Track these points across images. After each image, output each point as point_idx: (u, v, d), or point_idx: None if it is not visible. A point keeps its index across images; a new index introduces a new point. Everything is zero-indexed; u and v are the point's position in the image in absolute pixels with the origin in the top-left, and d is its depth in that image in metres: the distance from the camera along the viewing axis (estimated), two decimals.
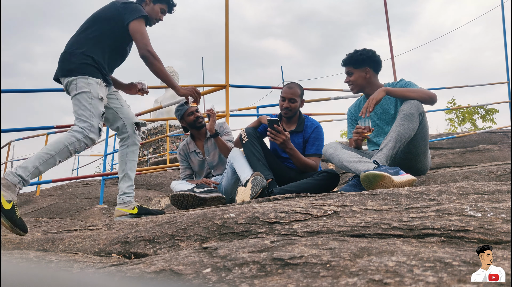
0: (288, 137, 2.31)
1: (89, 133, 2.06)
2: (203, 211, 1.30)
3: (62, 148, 1.98)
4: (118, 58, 2.33)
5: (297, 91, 2.53)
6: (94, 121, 2.08)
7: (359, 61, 2.30)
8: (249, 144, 2.37)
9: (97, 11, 2.27)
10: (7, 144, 7.20)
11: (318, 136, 2.54)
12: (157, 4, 2.40)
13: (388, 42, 5.15)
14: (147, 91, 2.60)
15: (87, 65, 2.12)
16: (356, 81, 2.32)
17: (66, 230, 1.64)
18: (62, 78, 2.15)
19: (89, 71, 2.12)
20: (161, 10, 2.43)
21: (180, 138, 10.45)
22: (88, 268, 0.92)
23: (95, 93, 2.10)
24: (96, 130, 2.09)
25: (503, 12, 6.22)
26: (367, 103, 2.06)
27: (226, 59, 3.34)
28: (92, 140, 2.09)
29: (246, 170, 2.30)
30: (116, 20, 2.21)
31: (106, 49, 2.20)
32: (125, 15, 2.19)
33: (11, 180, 1.85)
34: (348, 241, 0.81)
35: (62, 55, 2.19)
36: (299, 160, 2.41)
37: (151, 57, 2.19)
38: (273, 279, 0.64)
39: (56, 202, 4.47)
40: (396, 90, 2.10)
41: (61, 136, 2.02)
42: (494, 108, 12.08)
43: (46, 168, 1.96)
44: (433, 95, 2.07)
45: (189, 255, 0.83)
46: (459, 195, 1.12)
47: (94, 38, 2.18)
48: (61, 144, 1.98)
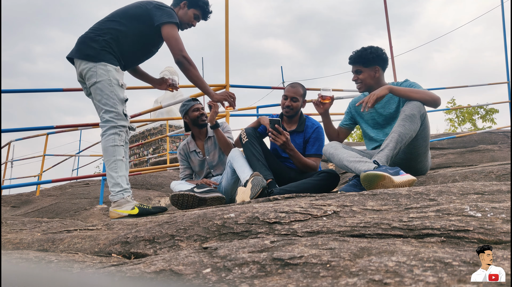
0: (288, 138, 2.31)
1: (118, 122, 2.15)
2: (203, 211, 1.30)
3: (113, 149, 2.13)
4: (140, 55, 2.37)
5: (299, 90, 2.54)
6: (119, 108, 2.15)
7: (369, 60, 2.27)
8: (249, 144, 2.37)
9: (126, 7, 2.31)
10: (7, 144, 7.20)
11: (318, 136, 2.54)
12: (191, 9, 2.42)
13: (388, 42, 5.16)
14: (178, 87, 2.67)
15: (107, 52, 2.16)
16: (365, 80, 2.31)
17: (66, 230, 1.64)
18: (79, 60, 2.17)
19: (108, 58, 2.16)
20: (195, 15, 2.45)
21: (180, 138, 10.45)
22: (88, 268, 0.92)
23: (115, 80, 2.15)
24: (123, 117, 2.17)
25: (503, 12, 6.22)
26: (368, 97, 2.05)
27: (226, 60, 3.34)
28: (124, 127, 2.18)
29: (246, 170, 2.30)
30: (145, 20, 2.24)
31: (128, 44, 2.24)
32: (157, 16, 2.22)
33: (117, 199, 2.11)
34: (348, 241, 0.81)
35: (83, 38, 2.21)
36: (299, 160, 2.41)
37: (186, 63, 2.23)
38: (273, 279, 0.64)
39: (56, 202, 4.46)
40: (400, 89, 2.09)
41: (103, 143, 2.15)
42: (494, 109, 12.08)
43: (123, 170, 2.16)
44: (437, 98, 2.06)
45: (189, 255, 0.83)
46: (459, 195, 1.12)
47: (118, 31, 2.21)
48: (109, 148, 2.13)
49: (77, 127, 3.82)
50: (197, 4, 2.43)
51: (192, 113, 2.81)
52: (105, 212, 3.80)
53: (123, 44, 2.21)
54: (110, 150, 2.12)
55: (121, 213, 2.11)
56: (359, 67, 2.31)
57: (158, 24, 2.22)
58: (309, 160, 2.46)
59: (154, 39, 2.30)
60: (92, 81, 2.13)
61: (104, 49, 2.14)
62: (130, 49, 2.26)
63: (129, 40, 2.23)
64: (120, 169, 2.13)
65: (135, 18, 2.24)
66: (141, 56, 2.38)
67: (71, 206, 4.09)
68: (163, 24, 2.21)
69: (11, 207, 4.97)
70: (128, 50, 2.25)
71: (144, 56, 2.40)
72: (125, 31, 2.22)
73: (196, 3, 2.43)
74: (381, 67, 2.31)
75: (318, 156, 2.51)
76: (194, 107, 2.81)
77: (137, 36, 2.25)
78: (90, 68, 2.13)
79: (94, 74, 2.11)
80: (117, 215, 2.12)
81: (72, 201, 4.38)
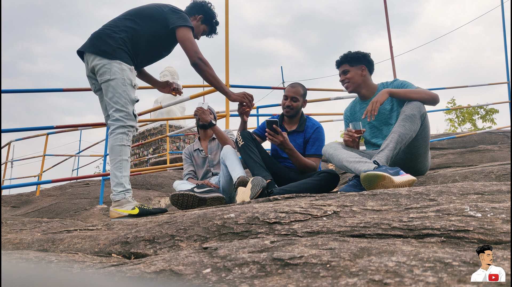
0: (286, 138, 2.31)
1: (128, 122, 2.16)
2: (203, 211, 1.30)
3: (120, 149, 2.14)
4: (151, 56, 2.38)
5: (299, 90, 2.55)
6: (129, 108, 2.16)
7: (355, 59, 2.31)
8: (245, 147, 2.37)
9: (141, 7, 2.32)
10: (7, 144, 7.20)
11: (318, 137, 2.54)
12: (203, 24, 2.50)
13: (388, 42, 5.15)
14: (181, 91, 2.68)
15: (122, 51, 2.17)
16: (352, 79, 2.32)
17: (66, 230, 1.64)
18: (92, 55, 2.17)
19: (123, 57, 2.16)
20: (203, 31, 2.53)
21: (180, 138, 10.45)
22: (88, 268, 0.92)
23: (128, 80, 2.15)
24: (132, 117, 2.18)
25: (503, 12, 6.22)
26: (371, 105, 2.04)
27: (226, 60, 3.34)
28: (132, 127, 2.19)
29: (236, 168, 2.33)
30: (159, 21, 2.26)
31: (141, 44, 2.25)
32: (172, 19, 2.24)
33: (118, 198, 2.10)
34: (348, 241, 0.81)
35: (98, 33, 2.21)
36: (298, 160, 2.41)
37: (202, 64, 2.24)
38: (273, 279, 0.64)
39: (56, 202, 4.46)
40: (399, 92, 2.09)
41: (111, 141, 2.16)
42: (494, 109, 12.08)
43: (127, 171, 2.16)
44: (435, 96, 2.07)
45: (189, 255, 0.83)
46: (459, 195, 1.12)
47: (133, 31, 2.22)
48: (116, 147, 2.14)
49: (77, 127, 3.83)
50: (211, 23, 2.53)
51: (195, 115, 2.92)
52: (105, 212, 3.80)
53: (137, 43, 2.22)
54: (117, 149, 2.13)
55: (122, 213, 2.11)
56: (345, 67, 2.33)
57: (173, 27, 2.23)
58: (309, 160, 2.46)
59: (167, 42, 2.31)
60: (105, 78, 2.12)
61: (120, 47, 2.15)
62: (142, 50, 2.27)
63: (143, 40, 2.24)
64: (125, 169, 2.14)
65: (151, 18, 2.25)
66: (151, 57, 2.39)
67: (71, 206, 4.09)
68: (178, 27, 2.22)
69: (11, 207, 4.97)
70: (141, 50, 2.26)
71: (154, 58, 2.41)
72: (140, 30, 2.23)
73: (210, 21, 2.52)
74: (367, 68, 2.33)
75: (317, 156, 2.51)
76: (195, 111, 2.90)
77: (151, 37, 2.26)
78: (104, 65, 2.12)
79: (107, 71, 2.11)
80: (117, 214, 2.12)
81: (72, 201, 4.37)
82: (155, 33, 2.26)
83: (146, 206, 2.20)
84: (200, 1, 2.51)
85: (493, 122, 11.98)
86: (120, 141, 2.13)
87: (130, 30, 2.20)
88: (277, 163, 2.52)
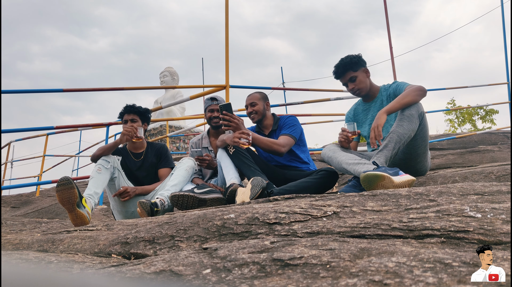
0: (241, 120, 2.32)
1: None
2: (203, 212, 1.30)
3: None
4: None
5: (256, 95, 2.64)
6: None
7: (356, 63, 2.31)
8: (237, 153, 2.37)
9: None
10: (7, 144, 7.20)
11: (289, 122, 2.55)
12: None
13: (388, 42, 5.16)
14: (142, 137, 2.59)
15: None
16: (362, 83, 2.31)
17: (66, 230, 1.63)
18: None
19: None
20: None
21: (180, 138, 10.44)
22: (88, 268, 0.92)
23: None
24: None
25: (503, 12, 6.23)
26: (374, 133, 1.96)
27: (226, 60, 3.34)
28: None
29: (230, 172, 2.34)
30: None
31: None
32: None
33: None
34: (348, 241, 0.81)
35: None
36: (263, 142, 2.36)
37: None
38: (273, 280, 0.64)
39: (56, 202, 4.46)
40: (394, 106, 2.02)
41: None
42: (494, 109, 12.07)
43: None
44: (422, 88, 2.06)
45: (189, 255, 0.83)
46: (459, 196, 1.12)
47: None
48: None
49: (77, 127, 3.83)
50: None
51: (207, 112, 2.89)
52: (105, 213, 3.79)
53: None
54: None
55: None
56: (351, 74, 2.31)
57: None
58: (275, 140, 2.43)
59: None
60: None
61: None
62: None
63: None
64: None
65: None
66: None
67: None
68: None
69: (11, 208, 4.97)
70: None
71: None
72: None
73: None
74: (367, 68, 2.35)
75: (288, 135, 2.46)
76: (210, 107, 2.86)
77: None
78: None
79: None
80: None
81: None
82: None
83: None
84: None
85: (493, 123, 11.97)
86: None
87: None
88: (270, 165, 2.52)
